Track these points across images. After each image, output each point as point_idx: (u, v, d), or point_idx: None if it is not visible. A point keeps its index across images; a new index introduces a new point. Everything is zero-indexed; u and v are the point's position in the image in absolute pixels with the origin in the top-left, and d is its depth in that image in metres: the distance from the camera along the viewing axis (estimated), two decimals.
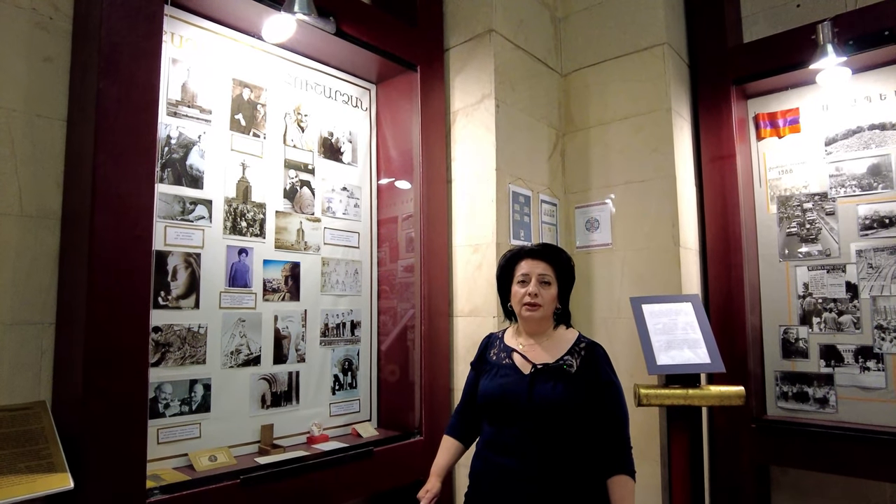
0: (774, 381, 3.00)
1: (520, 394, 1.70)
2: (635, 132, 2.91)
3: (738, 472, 2.85)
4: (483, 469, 1.74)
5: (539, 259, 1.80)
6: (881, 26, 2.56)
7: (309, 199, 2.56)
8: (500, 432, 1.72)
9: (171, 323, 2.09)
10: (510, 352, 1.82)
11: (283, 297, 2.42)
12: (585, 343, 1.80)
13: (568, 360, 1.75)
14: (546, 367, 1.73)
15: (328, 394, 2.57)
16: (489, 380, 1.79)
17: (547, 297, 1.77)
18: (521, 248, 1.86)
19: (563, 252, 1.87)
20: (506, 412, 1.72)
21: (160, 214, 2.07)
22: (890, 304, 2.69)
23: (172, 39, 2.15)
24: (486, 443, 1.77)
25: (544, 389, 1.69)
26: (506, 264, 1.87)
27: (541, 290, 1.76)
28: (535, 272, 1.77)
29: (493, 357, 1.85)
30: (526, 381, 1.72)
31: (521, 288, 1.78)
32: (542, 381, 1.71)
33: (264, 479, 2.00)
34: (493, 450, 1.73)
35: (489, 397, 1.76)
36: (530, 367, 1.75)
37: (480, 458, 1.77)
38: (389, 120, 2.85)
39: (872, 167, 2.78)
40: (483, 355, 1.90)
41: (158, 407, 2.04)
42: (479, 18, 2.76)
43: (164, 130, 2.11)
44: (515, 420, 1.70)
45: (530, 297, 1.75)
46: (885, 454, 2.50)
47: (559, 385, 1.69)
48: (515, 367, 1.77)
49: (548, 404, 1.67)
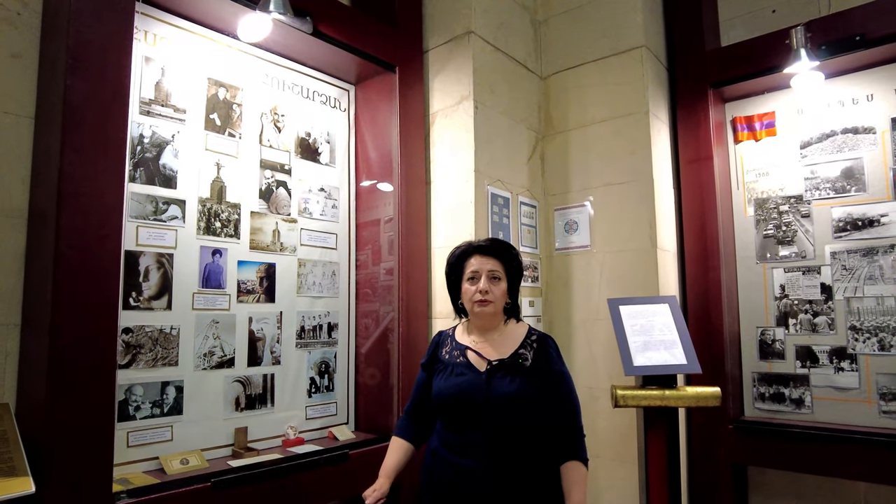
0: (752, 383, 3.02)
1: (477, 391, 1.69)
2: (614, 135, 2.92)
3: (716, 473, 2.87)
4: (440, 470, 1.73)
5: (488, 255, 1.79)
6: (852, 32, 2.60)
7: (285, 200, 2.54)
8: (458, 432, 1.72)
9: (143, 324, 2.05)
10: (464, 349, 1.81)
11: (257, 298, 2.40)
12: (537, 336, 1.82)
13: (523, 354, 1.75)
14: (502, 363, 1.73)
15: (304, 396, 2.54)
16: (444, 379, 1.78)
17: (498, 292, 1.76)
18: (469, 245, 1.84)
19: (511, 247, 1.86)
20: (463, 411, 1.71)
21: (132, 214, 2.04)
22: (863, 306, 2.73)
23: (146, 37, 2.12)
24: (443, 443, 1.75)
25: (502, 385, 1.69)
26: (455, 262, 1.85)
27: (491, 286, 1.75)
28: (484, 269, 1.77)
29: (445, 356, 1.84)
30: (483, 378, 1.72)
31: (472, 285, 1.77)
32: (500, 376, 1.71)
33: (236, 482, 1.98)
34: (450, 450, 1.72)
35: (445, 397, 1.75)
36: (486, 363, 1.74)
37: (437, 459, 1.76)
38: (368, 121, 2.84)
39: (845, 170, 2.82)
40: (434, 354, 1.88)
41: (129, 409, 2.01)
42: (459, 20, 2.76)
43: (137, 129, 2.08)
44: (473, 418, 1.69)
45: (481, 294, 1.74)
46: (858, 453, 2.53)
47: (516, 379, 1.70)
48: (470, 364, 1.76)
49: (506, 400, 1.67)
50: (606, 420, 2.81)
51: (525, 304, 2.91)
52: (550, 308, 3.08)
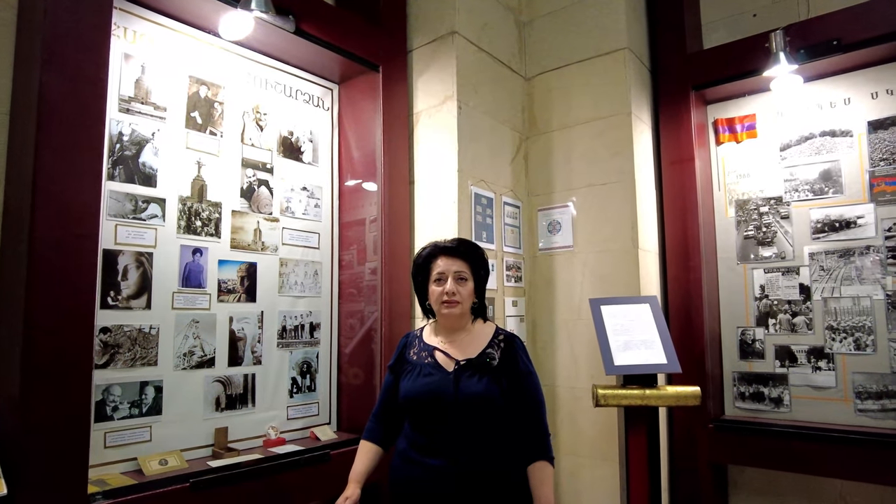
0: (732, 382, 3.05)
1: (445, 391, 1.70)
2: (597, 136, 2.94)
3: (697, 472, 2.89)
4: (408, 471, 1.73)
5: (454, 256, 1.80)
6: (829, 36, 2.64)
7: (267, 199, 2.52)
8: (425, 432, 1.72)
9: (121, 323, 2.03)
10: (431, 350, 1.81)
11: (238, 297, 2.38)
12: (504, 335, 1.83)
13: (490, 353, 1.77)
14: (469, 363, 1.74)
15: (285, 397, 2.53)
16: (412, 380, 1.77)
17: (465, 293, 1.77)
18: (435, 246, 1.84)
19: (477, 247, 1.87)
20: (432, 411, 1.71)
21: (110, 213, 2.02)
22: (840, 306, 2.77)
23: (125, 34, 2.10)
24: (412, 444, 1.75)
25: (470, 384, 1.70)
26: (422, 263, 1.85)
27: (458, 287, 1.76)
28: (451, 270, 1.77)
29: (413, 357, 1.84)
30: (451, 378, 1.72)
31: (438, 287, 1.78)
32: (468, 376, 1.72)
33: (216, 482, 1.96)
34: (418, 451, 1.72)
35: (414, 398, 1.75)
36: (453, 363, 1.75)
37: (404, 460, 1.76)
38: (352, 120, 2.83)
39: (823, 173, 2.86)
40: (402, 356, 1.88)
41: (106, 410, 1.98)
42: (443, 20, 2.76)
43: (116, 127, 2.06)
44: (442, 418, 1.70)
45: (448, 295, 1.75)
46: (835, 451, 2.56)
47: (484, 378, 1.71)
48: (438, 365, 1.77)
49: (475, 399, 1.68)
50: (588, 419, 2.83)
51: (508, 303, 2.92)
52: (534, 308, 3.10)
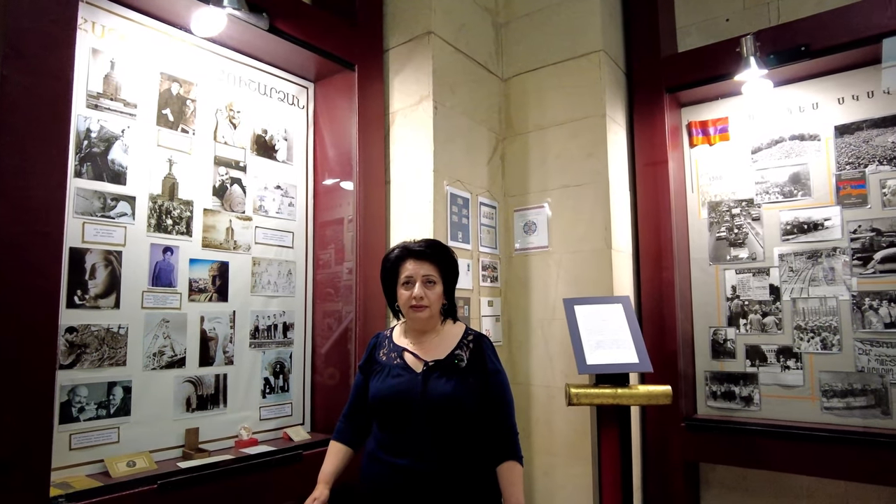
0: (704, 381, 3.10)
1: (413, 392, 1.70)
2: (572, 137, 2.96)
3: (669, 470, 2.93)
4: (379, 472, 1.73)
5: (423, 259, 1.79)
6: (798, 42, 2.70)
7: (240, 197, 2.50)
8: (394, 433, 1.72)
9: (88, 323, 2.00)
10: (400, 351, 1.81)
11: (210, 297, 2.35)
12: (473, 335, 1.84)
13: (459, 354, 1.77)
14: (438, 363, 1.75)
15: (258, 397, 2.50)
16: (380, 381, 1.77)
17: (433, 296, 1.77)
18: (404, 248, 1.83)
19: (447, 249, 1.86)
20: (400, 412, 1.72)
21: (77, 210, 1.98)
22: (807, 306, 2.83)
23: (94, 29, 2.06)
24: (380, 445, 1.75)
25: (438, 385, 1.71)
26: (390, 266, 1.84)
27: (426, 291, 1.76)
28: (419, 273, 1.77)
29: (382, 357, 1.84)
30: (419, 378, 1.73)
31: (407, 290, 1.77)
32: (436, 377, 1.72)
33: (185, 483, 1.94)
34: (388, 451, 1.72)
35: (382, 398, 1.75)
36: (422, 364, 1.75)
37: (373, 461, 1.76)
38: (327, 119, 2.82)
39: (793, 176, 2.92)
40: (371, 356, 1.88)
41: (72, 411, 1.95)
42: (419, 20, 2.76)
43: (84, 123, 2.02)
44: (410, 419, 1.70)
45: (416, 300, 1.75)
46: (802, 449, 2.62)
47: (452, 379, 1.72)
48: (407, 366, 1.77)
49: (442, 400, 1.68)
50: (562, 419, 2.85)
51: (484, 303, 2.92)
52: (509, 308, 3.11)
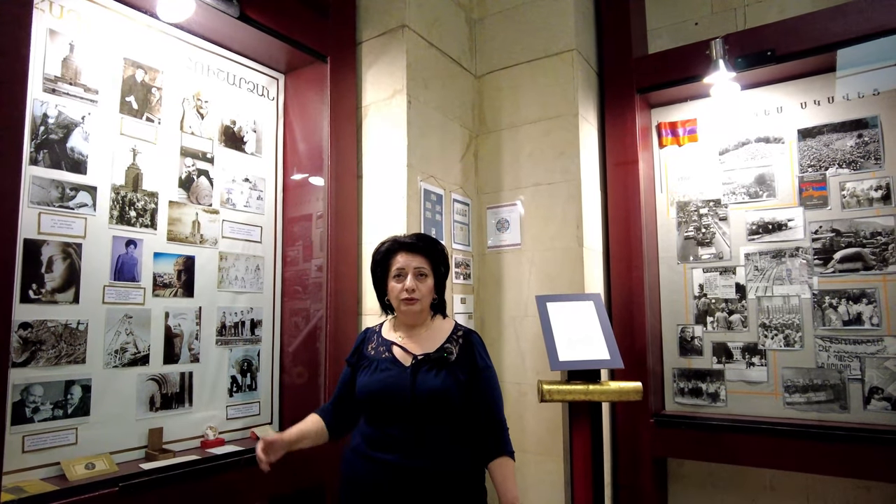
0: (672, 378, 3.15)
1: (402, 386, 1.68)
2: (544, 135, 2.97)
3: (638, 466, 2.96)
4: (360, 466, 1.70)
5: (415, 252, 1.78)
6: (764, 47, 2.76)
7: (206, 190, 2.42)
8: (382, 427, 1.70)
9: (45, 319, 1.90)
10: (389, 345, 1.80)
11: (175, 292, 2.27)
12: (462, 331, 1.83)
13: (448, 348, 1.76)
14: (427, 357, 1.73)
15: (225, 396, 2.43)
16: (368, 375, 1.75)
17: (424, 290, 1.77)
18: (395, 241, 1.82)
19: (438, 243, 1.86)
20: (388, 407, 1.69)
21: (33, 200, 1.89)
22: (772, 304, 2.90)
23: (51, 9, 1.97)
24: (367, 440, 1.72)
25: (427, 379, 1.69)
26: (381, 258, 1.83)
27: (418, 283, 1.75)
28: (411, 266, 1.76)
29: (371, 352, 1.82)
30: (408, 372, 1.71)
31: (398, 283, 1.76)
32: (425, 371, 1.71)
33: (147, 485, 1.87)
34: (372, 446, 1.69)
35: (370, 392, 1.72)
36: (411, 358, 1.74)
37: (357, 456, 1.73)
38: (298, 111, 2.76)
39: (758, 177, 2.99)
40: (360, 350, 1.86)
41: (25, 411, 1.85)
42: (393, 13, 2.73)
43: (40, 108, 1.93)
44: (398, 414, 1.68)
45: (408, 292, 1.73)
46: (765, 443, 2.68)
47: (441, 373, 1.70)
48: (396, 360, 1.75)
49: (431, 394, 1.67)
50: (534, 415, 2.85)
51: (457, 301, 2.91)
52: (482, 305, 3.10)
